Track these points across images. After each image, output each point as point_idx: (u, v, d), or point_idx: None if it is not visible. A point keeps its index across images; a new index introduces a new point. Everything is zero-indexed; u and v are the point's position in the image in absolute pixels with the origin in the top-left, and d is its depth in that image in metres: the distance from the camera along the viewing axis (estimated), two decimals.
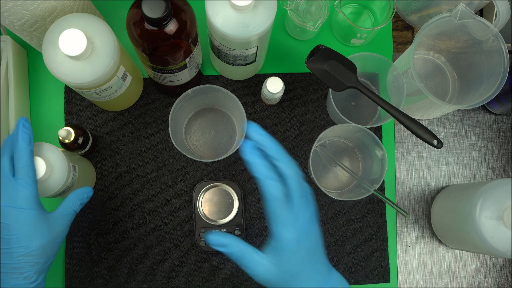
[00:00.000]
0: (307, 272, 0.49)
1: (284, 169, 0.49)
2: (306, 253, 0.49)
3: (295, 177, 0.49)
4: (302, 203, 0.49)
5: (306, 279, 0.49)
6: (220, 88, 0.67)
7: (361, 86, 0.67)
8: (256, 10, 0.58)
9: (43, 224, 0.53)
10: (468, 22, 0.66)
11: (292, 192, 0.49)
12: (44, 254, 0.54)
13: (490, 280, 0.79)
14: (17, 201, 0.52)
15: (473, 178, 0.81)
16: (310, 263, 0.49)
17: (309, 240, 0.49)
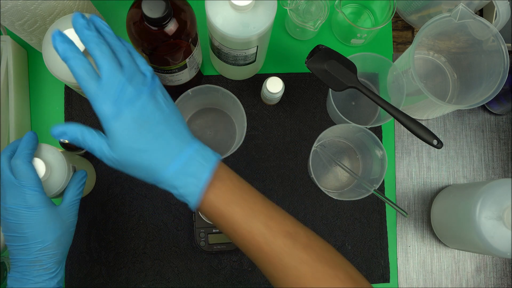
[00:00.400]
0: (145, 148, 0.45)
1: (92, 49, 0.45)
2: (135, 127, 0.45)
3: (102, 52, 0.45)
4: (113, 74, 0.45)
5: (146, 155, 0.45)
6: (220, 88, 0.67)
7: (361, 86, 0.67)
8: (256, 10, 0.58)
9: (55, 218, 0.55)
10: (468, 22, 0.66)
11: (100, 65, 0.45)
12: (60, 246, 0.55)
13: (490, 280, 0.79)
14: (27, 202, 0.53)
15: (473, 178, 0.81)
16: (145, 137, 0.45)
17: (137, 111, 0.45)
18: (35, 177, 0.54)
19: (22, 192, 0.53)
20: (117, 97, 0.45)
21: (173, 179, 0.46)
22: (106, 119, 0.45)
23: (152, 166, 0.46)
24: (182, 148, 0.46)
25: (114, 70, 0.45)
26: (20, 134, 0.72)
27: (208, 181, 0.46)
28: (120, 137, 0.45)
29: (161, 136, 0.46)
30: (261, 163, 0.77)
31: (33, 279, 0.53)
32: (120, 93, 0.45)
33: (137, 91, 0.46)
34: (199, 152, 0.47)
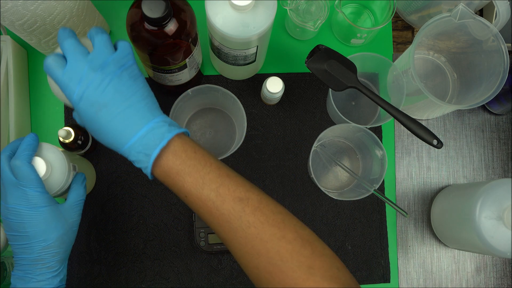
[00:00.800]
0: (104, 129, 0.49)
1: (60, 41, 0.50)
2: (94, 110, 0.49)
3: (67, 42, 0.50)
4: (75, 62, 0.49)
5: (105, 135, 0.50)
6: (220, 88, 0.67)
7: (361, 86, 0.67)
8: (256, 10, 0.58)
9: (57, 217, 0.55)
10: (468, 22, 0.66)
11: (65, 54, 0.49)
12: (63, 244, 0.56)
13: (490, 280, 0.79)
14: (29, 201, 0.53)
15: (473, 178, 0.81)
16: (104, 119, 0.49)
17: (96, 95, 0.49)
18: (36, 177, 0.54)
19: (24, 192, 0.53)
20: (78, 82, 0.48)
21: (130, 155, 0.50)
22: (72, 103, 0.50)
23: (111, 143, 0.50)
24: (140, 127, 0.50)
25: (77, 57, 0.49)
26: (20, 134, 0.72)
27: (156, 156, 0.49)
28: (83, 118, 0.50)
29: (118, 118, 0.49)
30: (261, 163, 0.77)
31: (36, 278, 0.53)
32: (80, 79, 0.48)
33: (100, 75, 0.49)
34: (154, 130, 0.50)
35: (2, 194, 0.54)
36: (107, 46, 0.50)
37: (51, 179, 0.58)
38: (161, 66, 0.63)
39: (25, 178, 0.53)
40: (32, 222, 0.53)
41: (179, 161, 0.49)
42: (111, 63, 0.49)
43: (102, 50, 0.50)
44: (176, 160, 0.49)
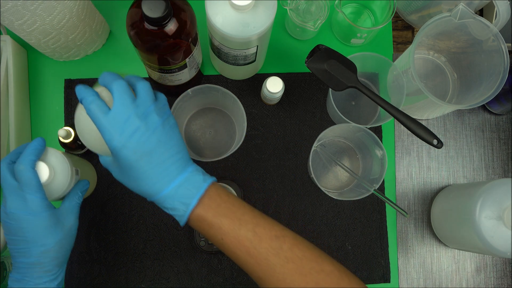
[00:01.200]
0: (141, 176, 0.49)
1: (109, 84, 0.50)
2: (135, 158, 0.49)
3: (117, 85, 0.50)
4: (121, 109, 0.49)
5: (142, 182, 0.50)
6: (220, 88, 0.67)
7: (361, 86, 0.67)
8: (256, 9, 0.58)
9: (56, 222, 0.55)
10: (468, 22, 0.66)
11: (113, 98, 0.49)
12: (62, 249, 0.56)
13: (490, 280, 0.79)
14: (28, 207, 0.53)
15: (473, 178, 0.81)
16: (143, 167, 0.49)
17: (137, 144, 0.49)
18: (37, 182, 0.54)
19: (23, 198, 0.53)
20: (123, 129, 0.48)
21: (165, 202, 0.51)
22: (111, 148, 0.49)
23: (145, 191, 0.50)
24: (176, 176, 0.50)
25: (125, 103, 0.49)
26: (20, 134, 0.72)
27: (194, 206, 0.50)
28: (122, 164, 0.50)
29: (157, 167, 0.50)
30: (261, 163, 0.77)
31: (34, 281, 0.53)
32: (126, 125, 0.48)
33: (144, 124, 0.49)
34: (190, 179, 0.51)
35: (2, 198, 0.54)
36: (150, 94, 0.51)
37: (53, 184, 0.58)
38: (161, 66, 0.63)
39: (26, 183, 0.53)
40: (31, 227, 0.53)
41: (214, 204, 0.51)
42: (153, 112, 0.50)
43: (146, 97, 0.50)
44: (212, 204, 0.50)
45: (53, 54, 0.74)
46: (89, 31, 0.71)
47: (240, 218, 0.50)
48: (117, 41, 0.79)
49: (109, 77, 0.51)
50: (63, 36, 0.68)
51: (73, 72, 0.77)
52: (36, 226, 0.53)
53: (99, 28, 0.74)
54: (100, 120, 0.49)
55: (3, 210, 0.53)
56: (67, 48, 0.73)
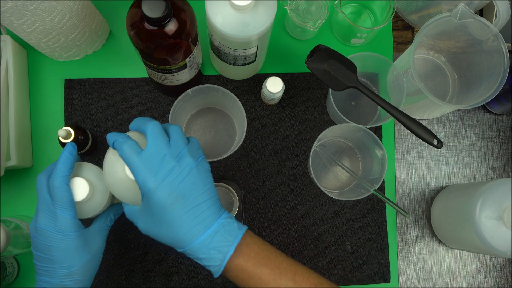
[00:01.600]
0: (175, 222, 0.48)
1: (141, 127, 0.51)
2: (169, 202, 0.47)
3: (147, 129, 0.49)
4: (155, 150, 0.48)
5: (175, 229, 0.48)
6: (220, 88, 0.67)
7: (361, 86, 0.67)
8: (256, 9, 0.58)
9: (83, 244, 0.54)
10: (468, 22, 0.66)
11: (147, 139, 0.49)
12: (87, 272, 0.54)
13: (490, 280, 0.79)
14: (58, 224, 0.52)
15: (473, 178, 0.81)
16: (177, 212, 0.48)
17: (172, 187, 0.48)
18: (70, 200, 0.53)
19: (55, 214, 0.52)
20: (158, 170, 0.47)
21: (199, 252, 0.48)
22: (144, 190, 0.48)
23: (179, 239, 0.48)
24: (210, 223, 0.49)
25: (160, 144, 0.48)
26: (20, 134, 0.72)
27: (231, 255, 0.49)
28: (154, 209, 0.48)
29: (192, 211, 0.48)
30: (261, 163, 0.77)
31: None
32: (161, 166, 0.47)
33: (179, 166, 0.48)
34: (226, 226, 0.49)
35: (36, 212, 0.53)
36: (182, 137, 0.50)
37: (92, 200, 0.58)
38: (161, 66, 0.63)
39: (59, 199, 0.52)
40: (58, 246, 0.52)
41: (253, 253, 0.50)
42: (187, 154, 0.49)
43: (179, 139, 0.49)
44: (250, 253, 0.50)
45: (53, 54, 0.74)
46: (89, 31, 0.71)
47: (279, 266, 0.50)
48: (117, 41, 0.79)
49: (142, 120, 0.50)
50: (63, 36, 0.68)
51: (73, 72, 0.77)
52: (64, 246, 0.52)
53: (99, 28, 0.74)
54: (134, 160, 0.47)
55: (33, 225, 0.53)
56: (67, 48, 0.73)
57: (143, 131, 0.49)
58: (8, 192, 0.74)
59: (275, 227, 0.77)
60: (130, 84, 0.77)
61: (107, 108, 0.77)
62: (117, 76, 0.78)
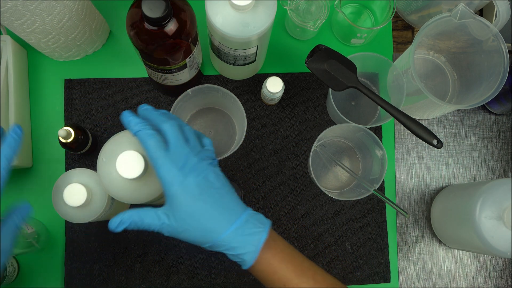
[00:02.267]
0: (206, 212, 0.48)
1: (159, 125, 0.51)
2: (198, 191, 0.48)
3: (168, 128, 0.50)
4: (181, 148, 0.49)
5: (207, 218, 0.48)
6: (220, 88, 0.67)
7: (361, 86, 0.67)
8: (256, 9, 0.58)
9: None
10: (468, 22, 0.66)
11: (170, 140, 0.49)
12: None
13: (490, 280, 0.79)
14: None
15: (473, 178, 0.81)
16: (207, 202, 0.48)
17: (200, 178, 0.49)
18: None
19: None
20: (183, 165, 0.48)
21: (232, 241, 0.49)
22: (171, 184, 0.48)
23: (211, 229, 0.49)
24: (239, 212, 0.50)
25: (181, 142, 0.50)
26: None
27: (265, 241, 0.50)
28: (183, 201, 0.48)
29: (220, 201, 0.49)
30: (261, 163, 0.77)
31: None
32: (185, 161, 0.49)
33: (200, 162, 0.50)
34: (254, 216, 0.51)
35: None
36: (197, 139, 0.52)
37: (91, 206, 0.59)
38: (161, 66, 0.63)
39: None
40: None
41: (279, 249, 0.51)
42: (204, 153, 0.51)
43: (195, 140, 0.51)
44: (277, 248, 0.51)
45: (53, 54, 0.74)
46: (89, 31, 0.71)
47: (301, 265, 0.51)
48: (117, 41, 0.79)
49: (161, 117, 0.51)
50: (63, 36, 0.68)
51: (73, 72, 0.77)
52: None
53: (99, 28, 0.74)
54: (161, 156, 0.48)
55: None
56: (67, 48, 0.73)
57: (161, 129, 0.50)
58: (8, 192, 0.74)
59: (275, 227, 0.76)
60: (130, 84, 0.78)
61: (107, 108, 0.77)
62: (117, 76, 0.78)
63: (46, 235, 0.73)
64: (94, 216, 0.60)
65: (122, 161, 0.52)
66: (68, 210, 0.60)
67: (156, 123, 0.51)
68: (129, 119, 0.51)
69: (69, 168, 0.66)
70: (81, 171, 0.61)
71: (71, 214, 0.60)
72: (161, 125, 0.50)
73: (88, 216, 0.60)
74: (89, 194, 0.58)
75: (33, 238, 0.70)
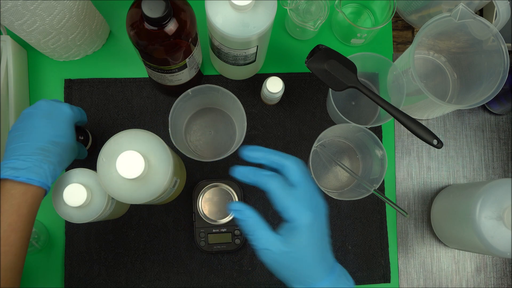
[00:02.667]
0: (314, 257, 0.48)
1: (281, 160, 0.49)
2: (318, 237, 0.48)
3: (293, 164, 0.49)
4: (308, 187, 0.49)
5: (312, 264, 0.48)
6: (220, 88, 0.67)
7: (361, 86, 0.66)
8: (256, 9, 0.58)
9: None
10: (468, 22, 0.66)
11: (296, 179, 0.49)
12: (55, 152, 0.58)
13: (490, 280, 0.79)
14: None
15: (473, 178, 0.81)
16: (318, 248, 0.48)
17: (320, 224, 0.49)
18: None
19: None
20: (311, 205, 0.48)
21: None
22: (299, 222, 0.47)
23: (310, 274, 0.48)
24: (331, 262, 0.50)
25: (308, 182, 0.49)
26: None
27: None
28: (304, 241, 0.48)
29: (325, 247, 0.50)
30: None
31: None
32: (313, 201, 0.49)
33: (322, 201, 0.50)
34: (343, 270, 0.51)
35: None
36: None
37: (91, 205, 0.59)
38: (161, 66, 0.63)
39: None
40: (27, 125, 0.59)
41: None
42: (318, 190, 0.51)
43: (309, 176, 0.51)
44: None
45: (53, 54, 0.74)
46: (89, 31, 0.71)
47: None
48: (117, 41, 0.79)
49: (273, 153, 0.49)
50: (63, 36, 0.68)
51: (73, 72, 0.77)
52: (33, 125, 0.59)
53: (99, 28, 0.74)
54: (285, 195, 0.47)
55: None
56: (67, 48, 0.73)
57: (283, 165, 0.49)
58: None
59: (275, 228, 0.76)
60: (130, 84, 0.77)
61: (107, 108, 0.77)
62: (117, 76, 0.78)
63: (46, 235, 0.73)
64: (94, 216, 0.60)
65: (122, 161, 0.51)
66: (68, 210, 0.60)
67: (270, 163, 0.50)
68: (238, 171, 0.50)
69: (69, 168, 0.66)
70: (81, 171, 0.61)
71: (71, 214, 0.60)
72: (282, 161, 0.49)
73: (88, 216, 0.60)
74: (89, 194, 0.58)
75: (33, 238, 0.70)
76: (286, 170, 0.49)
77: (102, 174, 0.54)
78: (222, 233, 0.74)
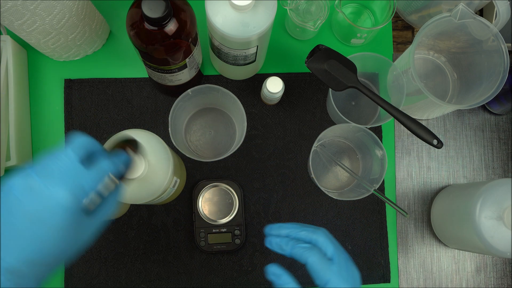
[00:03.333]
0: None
1: (309, 236, 0.54)
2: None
3: (323, 237, 0.54)
4: (343, 259, 0.53)
5: None
6: (220, 88, 0.67)
7: (361, 86, 0.66)
8: (256, 10, 0.58)
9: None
10: (468, 22, 0.66)
11: (331, 251, 0.53)
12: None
13: (490, 280, 0.79)
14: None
15: (473, 178, 0.81)
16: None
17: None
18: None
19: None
20: (348, 277, 0.52)
21: None
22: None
23: None
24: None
25: (340, 251, 0.53)
26: (20, 134, 0.72)
27: None
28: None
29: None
30: (261, 162, 0.77)
31: None
32: (348, 272, 0.53)
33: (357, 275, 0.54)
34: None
35: None
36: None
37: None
38: (161, 66, 0.63)
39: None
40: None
41: None
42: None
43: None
44: None
45: (53, 54, 0.74)
46: (89, 31, 0.71)
47: None
48: (117, 41, 0.79)
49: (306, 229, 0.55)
50: (63, 36, 0.68)
51: (73, 72, 0.77)
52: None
53: (99, 28, 0.74)
54: (325, 269, 0.51)
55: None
56: (67, 48, 0.73)
57: (313, 240, 0.54)
58: None
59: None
60: (130, 84, 0.78)
61: (107, 108, 0.77)
62: (117, 76, 0.78)
63: None
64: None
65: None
66: None
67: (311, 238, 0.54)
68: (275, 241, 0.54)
69: None
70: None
71: None
72: (314, 237, 0.54)
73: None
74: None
75: None
76: (319, 244, 0.53)
77: None
78: (222, 233, 0.74)
